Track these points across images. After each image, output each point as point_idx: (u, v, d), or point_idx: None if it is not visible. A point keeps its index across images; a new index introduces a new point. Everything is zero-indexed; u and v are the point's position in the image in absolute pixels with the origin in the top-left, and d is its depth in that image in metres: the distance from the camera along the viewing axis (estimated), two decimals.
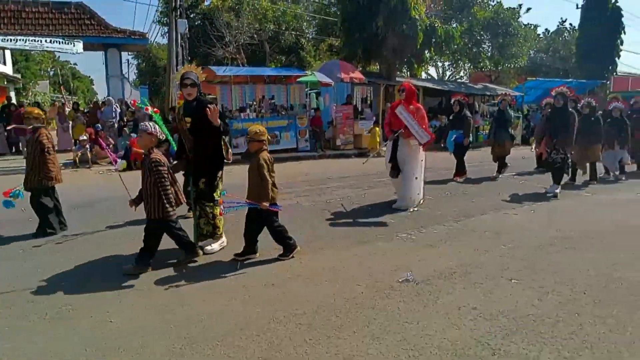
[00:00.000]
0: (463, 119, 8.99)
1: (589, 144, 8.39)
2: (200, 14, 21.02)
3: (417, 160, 6.47)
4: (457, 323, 3.04)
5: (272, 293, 3.54)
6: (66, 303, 3.39)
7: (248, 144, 4.35)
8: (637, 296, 3.50)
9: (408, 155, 6.42)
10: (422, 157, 6.57)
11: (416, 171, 6.45)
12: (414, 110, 6.34)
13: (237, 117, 13.33)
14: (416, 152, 6.45)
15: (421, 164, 6.57)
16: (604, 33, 23.90)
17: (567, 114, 7.27)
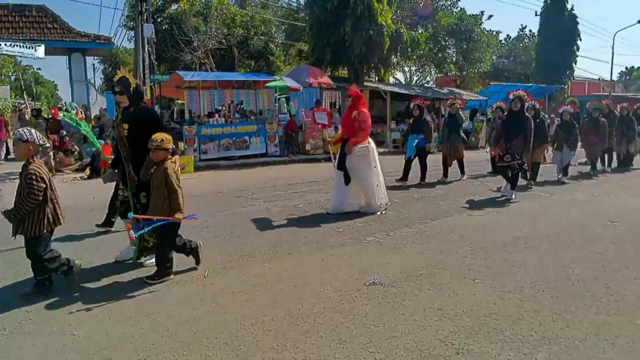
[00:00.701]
0: (423, 123, 9.02)
1: (536, 146, 8.35)
2: (168, 18, 20.73)
3: (368, 167, 6.33)
4: (422, 324, 3.10)
5: (239, 300, 3.52)
6: (26, 317, 3.28)
7: (152, 152, 3.86)
8: (592, 292, 3.66)
9: (357, 163, 6.29)
10: (375, 164, 6.43)
11: (373, 178, 6.36)
12: (356, 115, 6.24)
13: (205, 122, 13.21)
14: (365, 158, 6.31)
15: (376, 170, 6.44)
16: (561, 39, 24.95)
17: (523, 118, 7.36)
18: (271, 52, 22.90)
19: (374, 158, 6.42)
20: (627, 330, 3.04)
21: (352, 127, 6.28)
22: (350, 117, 6.34)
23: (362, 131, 6.24)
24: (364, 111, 6.32)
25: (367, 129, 6.32)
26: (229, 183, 9.60)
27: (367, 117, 6.31)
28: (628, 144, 11.38)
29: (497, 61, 28.87)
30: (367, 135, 6.36)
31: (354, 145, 6.19)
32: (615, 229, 5.60)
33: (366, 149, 6.29)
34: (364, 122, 6.24)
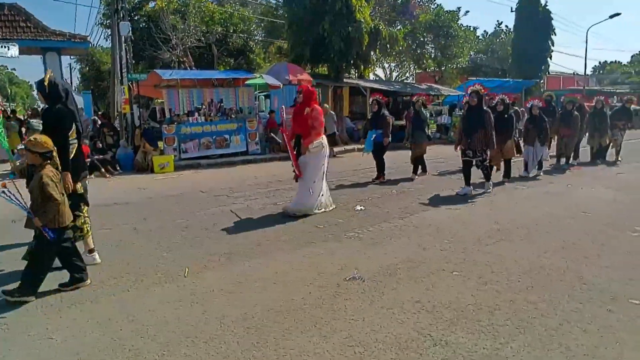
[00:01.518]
0: (382, 118, 8.81)
1: (503, 141, 8.33)
2: (145, 16, 20.42)
3: (317, 166, 6.18)
4: (400, 317, 3.15)
5: (220, 299, 3.52)
6: (2, 322, 3.22)
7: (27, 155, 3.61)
8: (565, 281, 3.77)
9: (309, 160, 6.15)
10: (323, 162, 6.27)
11: (314, 175, 6.18)
12: (309, 112, 6.06)
13: (185, 121, 13.08)
14: (316, 156, 6.16)
15: (322, 168, 6.27)
16: (536, 35, 25.41)
17: (482, 112, 7.25)
18: (251, 50, 22.78)
19: (324, 156, 6.27)
20: (598, 317, 3.14)
21: (304, 125, 6.09)
22: (302, 114, 6.15)
23: (314, 129, 6.06)
24: (316, 108, 6.16)
25: (320, 127, 6.17)
26: (210, 182, 9.55)
27: (320, 114, 6.19)
28: (600, 138, 11.47)
29: (474, 57, 29.30)
30: (320, 133, 6.19)
31: (308, 145, 6.06)
32: (587, 220, 5.75)
33: (320, 145, 6.15)
34: (316, 120, 6.09)
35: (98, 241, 5.14)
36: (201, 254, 4.64)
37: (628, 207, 6.45)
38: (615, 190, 7.66)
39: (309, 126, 6.06)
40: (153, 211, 6.81)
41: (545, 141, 9.36)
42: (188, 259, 4.45)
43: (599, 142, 11.52)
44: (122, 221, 6.16)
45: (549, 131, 9.50)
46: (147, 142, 12.38)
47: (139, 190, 8.89)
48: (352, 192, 7.82)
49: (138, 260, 4.50)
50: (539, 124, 9.27)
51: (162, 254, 4.67)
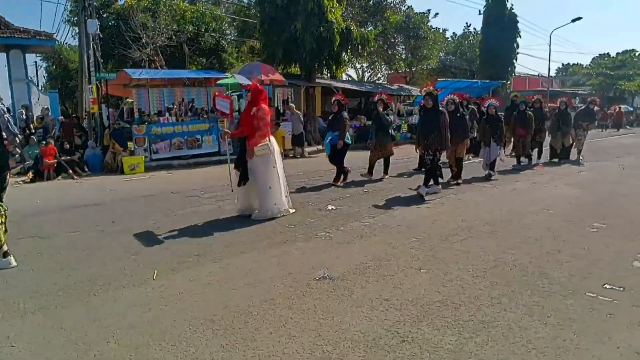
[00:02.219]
0: (340, 120, 8.46)
1: (455, 142, 8.17)
2: (114, 14, 19.94)
3: (267, 169, 5.95)
4: (369, 315, 3.20)
5: (189, 300, 3.50)
6: None
7: None
8: (527, 276, 3.90)
9: (257, 164, 5.93)
10: (274, 164, 6.02)
11: (268, 179, 5.96)
12: (255, 111, 5.84)
13: (155, 121, 12.88)
14: (264, 158, 5.93)
15: (274, 171, 6.03)
16: (503, 37, 26.08)
17: (437, 114, 7.19)
18: (223, 49, 22.56)
19: (274, 158, 6.03)
20: (558, 310, 3.26)
21: (251, 125, 5.87)
22: (249, 113, 5.94)
23: (259, 130, 5.83)
24: (262, 107, 5.91)
25: (266, 128, 5.92)
26: (182, 183, 9.45)
27: (266, 113, 5.95)
28: (563, 138, 11.71)
29: (444, 58, 29.85)
30: (267, 134, 5.96)
31: (254, 146, 5.83)
32: (550, 216, 5.96)
33: (266, 147, 5.90)
34: (262, 120, 5.85)
35: (65, 245, 5.06)
36: (171, 255, 4.59)
37: (588, 204, 6.71)
38: (577, 188, 7.96)
39: (254, 127, 5.85)
40: (122, 213, 6.70)
41: (501, 141, 9.25)
42: (157, 261, 4.40)
43: (562, 142, 11.77)
44: (91, 224, 6.04)
45: (504, 131, 9.45)
46: (117, 142, 12.15)
47: (108, 191, 8.72)
48: (323, 192, 7.87)
49: (106, 263, 4.42)
50: (495, 124, 9.19)
51: (131, 257, 4.60)
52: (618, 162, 11.89)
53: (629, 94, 42.83)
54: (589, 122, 12.33)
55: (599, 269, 4.05)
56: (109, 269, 4.25)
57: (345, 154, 8.68)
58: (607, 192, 7.61)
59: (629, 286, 3.66)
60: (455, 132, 8.04)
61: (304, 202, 7.06)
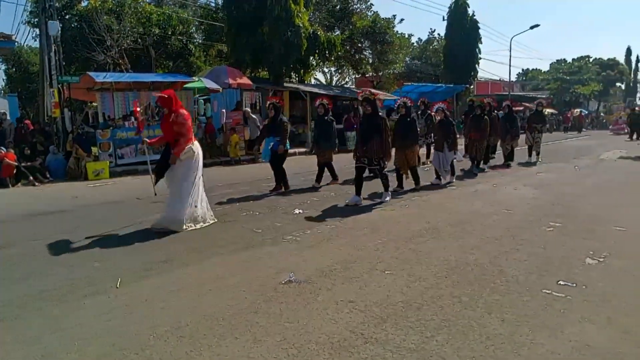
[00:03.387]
0: (279, 124, 8.06)
1: (407, 147, 7.98)
2: (77, 16, 19.39)
3: (188, 175, 5.73)
4: (334, 317, 3.25)
5: (153, 308, 3.47)
6: None
7: None
8: (487, 275, 4.04)
9: (178, 170, 5.70)
10: (195, 172, 5.79)
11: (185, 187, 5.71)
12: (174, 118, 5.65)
13: (120, 125, 12.62)
14: (186, 166, 5.72)
15: (194, 178, 5.79)
16: (465, 43, 26.82)
17: (377, 119, 7.00)
18: (190, 53, 22.29)
19: (196, 165, 5.82)
20: (515, 307, 3.40)
21: (171, 132, 5.69)
22: (168, 120, 5.72)
23: (182, 137, 5.64)
24: (181, 113, 5.70)
25: (188, 133, 5.72)
26: (147, 188, 9.26)
27: (186, 119, 5.72)
28: (512, 140, 11.77)
29: (410, 63, 30.45)
30: (190, 139, 5.74)
31: (180, 154, 5.61)
32: (509, 216, 6.19)
33: (190, 150, 5.72)
34: (183, 125, 5.65)
35: (25, 254, 4.91)
36: (136, 262, 4.53)
37: (545, 205, 6.99)
38: (534, 189, 8.28)
39: (176, 134, 5.65)
40: (86, 220, 6.55)
41: (453, 146, 8.89)
42: (122, 269, 4.33)
43: (511, 144, 11.85)
44: (53, 231, 5.88)
45: (457, 135, 9.21)
46: (80, 147, 11.84)
47: (71, 198, 8.48)
48: (291, 196, 7.90)
49: (69, 272, 4.32)
50: (446, 129, 8.86)
51: (95, 265, 4.51)
52: (574, 164, 12.44)
53: (584, 98, 44.82)
54: (542, 124, 12.70)
55: (554, 267, 4.24)
56: (71, 277, 4.16)
57: (285, 160, 8.36)
58: (563, 193, 7.96)
59: (581, 282, 3.85)
60: (405, 138, 7.89)
61: (272, 206, 7.08)
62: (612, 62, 52.72)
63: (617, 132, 28.51)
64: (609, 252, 4.64)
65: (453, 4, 27.68)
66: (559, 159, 13.74)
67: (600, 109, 50.55)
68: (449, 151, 8.79)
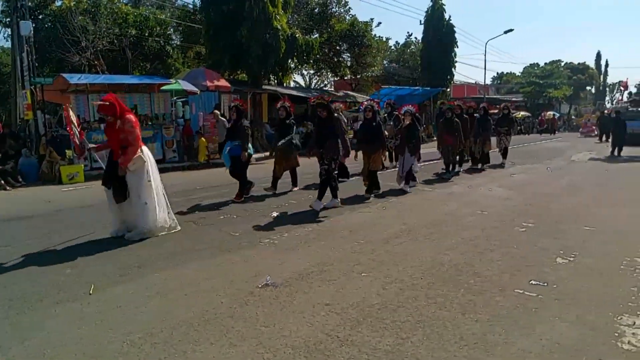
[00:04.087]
0: (240, 129, 7.59)
1: (371, 152, 7.75)
2: (51, 16, 18.93)
3: (141, 183, 5.42)
4: (310, 320, 3.26)
5: (128, 314, 3.41)
6: None
7: None
8: (462, 275, 4.10)
9: (130, 178, 5.40)
10: (149, 178, 5.48)
11: (143, 196, 5.41)
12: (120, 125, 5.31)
13: (96, 128, 12.38)
14: (138, 175, 5.41)
15: (149, 185, 5.48)
16: (441, 46, 27.21)
17: (333, 121, 6.90)
18: (168, 55, 22.02)
19: (149, 171, 5.50)
20: (489, 307, 3.46)
21: (117, 139, 5.36)
22: (114, 127, 5.37)
23: (130, 145, 5.31)
24: (128, 119, 5.32)
25: (136, 141, 5.36)
26: None
27: (134, 126, 5.36)
28: (484, 144, 11.71)
29: (387, 66, 30.74)
30: (138, 148, 5.39)
31: (127, 165, 5.30)
32: (484, 217, 6.31)
33: (140, 159, 5.39)
34: (131, 132, 5.31)
35: None
36: (110, 268, 4.45)
37: (518, 205, 7.15)
38: (508, 190, 8.46)
39: (122, 142, 5.32)
40: (59, 225, 6.39)
41: (416, 151, 8.58)
42: (95, 275, 4.25)
43: (483, 147, 11.78)
44: (25, 237, 5.73)
45: (420, 140, 8.88)
46: (54, 150, 11.57)
47: (45, 202, 8.27)
48: (269, 199, 7.87)
49: (39, 279, 4.21)
50: (411, 132, 8.50)
51: (66, 271, 4.41)
52: (546, 165, 12.75)
53: (556, 101, 46.01)
54: (508, 128, 12.76)
55: (526, 266, 4.34)
56: (42, 284, 4.05)
57: (248, 166, 7.95)
58: (535, 193, 8.16)
59: (552, 281, 3.94)
60: (371, 142, 7.69)
61: (249, 209, 7.05)
62: (582, 67, 54.36)
63: (587, 134, 29.19)
64: (579, 251, 4.77)
65: (430, 8, 28.10)
66: (532, 160, 14.06)
67: (571, 112, 51.95)
68: (410, 156, 8.47)
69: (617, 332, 3.05)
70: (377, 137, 7.75)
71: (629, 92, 32.75)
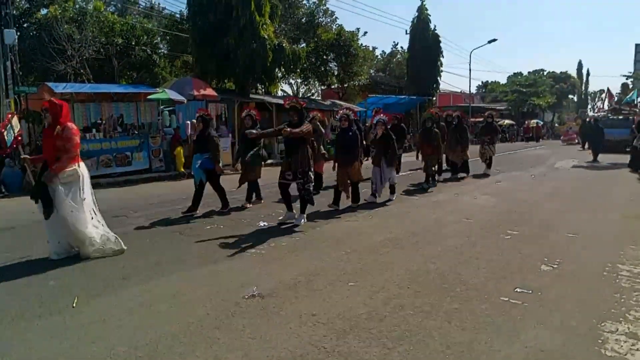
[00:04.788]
0: (208, 140, 7.24)
1: (348, 162, 7.41)
2: (36, 24, 18.72)
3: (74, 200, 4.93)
4: (297, 331, 3.24)
5: (111, 327, 3.36)
6: None
7: None
8: (448, 284, 4.13)
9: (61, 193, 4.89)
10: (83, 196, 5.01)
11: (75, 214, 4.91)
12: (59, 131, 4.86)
13: (81, 137, 12.22)
14: (72, 188, 4.93)
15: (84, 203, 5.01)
16: (427, 56, 27.54)
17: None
18: (155, 63, 21.90)
19: (82, 187, 5.02)
20: (474, 315, 3.49)
21: (53, 147, 4.91)
22: (52, 134, 4.92)
23: (67, 153, 4.87)
24: (68, 127, 4.92)
25: (74, 150, 4.95)
26: (109, 202, 8.99)
27: (74, 133, 4.95)
28: (462, 152, 11.49)
29: (374, 75, 30.97)
30: (76, 158, 4.99)
31: (59, 172, 4.85)
32: (469, 225, 6.37)
33: (75, 173, 4.95)
34: (70, 141, 4.88)
35: None
36: (94, 280, 4.38)
37: (503, 212, 7.24)
38: (493, 197, 8.56)
39: (58, 149, 4.88)
40: (43, 236, 6.23)
41: (393, 162, 8.26)
42: (79, 287, 4.18)
43: (461, 156, 11.57)
44: (7, 248, 5.63)
45: (396, 150, 8.51)
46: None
47: (28, 213, 8.11)
48: (256, 208, 7.85)
49: (20, 291, 4.13)
50: (385, 143, 8.10)
51: (49, 283, 4.33)
52: (530, 172, 12.93)
53: (539, 109, 46.78)
54: (492, 136, 12.54)
55: (511, 274, 4.38)
56: (24, 297, 3.98)
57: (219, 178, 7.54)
58: (519, 200, 8.27)
59: (537, 288, 3.99)
60: (348, 152, 7.39)
61: (236, 219, 7.02)
62: (564, 75, 55.37)
63: (569, 142, 29.49)
64: (562, 257, 4.84)
65: (415, 18, 28.48)
66: (517, 167, 14.25)
67: (555, 120, 52.79)
68: (387, 167, 8.14)
69: (600, 338, 3.09)
70: (353, 147, 7.44)
71: (615, 100, 33.48)
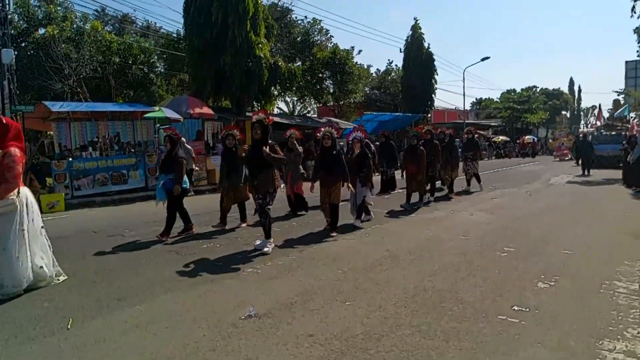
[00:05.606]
0: (173, 160, 7.01)
1: (330, 183, 7.10)
2: (33, 44, 18.89)
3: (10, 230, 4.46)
4: (294, 352, 3.22)
5: (105, 349, 3.32)
6: None
7: None
8: (445, 302, 4.11)
9: None
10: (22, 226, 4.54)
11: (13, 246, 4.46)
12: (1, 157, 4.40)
13: (78, 156, 12.26)
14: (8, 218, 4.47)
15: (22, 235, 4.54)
16: (422, 73, 27.94)
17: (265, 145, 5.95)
18: (152, 82, 22.07)
19: (22, 217, 4.55)
20: (472, 334, 3.47)
21: None
22: None
23: (6, 183, 4.40)
24: (12, 153, 4.42)
25: (16, 179, 4.47)
26: (105, 220, 9.00)
27: (17, 161, 4.45)
28: (452, 170, 11.38)
29: (369, 92, 31.32)
30: (16, 186, 4.50)
31: None
32: (465, 242, 6.37)
33: (12, 203, 4.46)
34: (11, 169, 4.40)
35: None
36: (89, 300, 4.34)
37: (498, 229, 7.25)
38: (489, 214, 8.58)
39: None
40: None
41: (367, 182, 7.76)
42: (73, 308, 4.14)
43: (451, 174, 11.44)
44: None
45: (371, 169, 8.08)
46: (35, 179, 11.38)
47: None
48: (251, 227, 7.82)
49: (13, 312, 4.09)
50: (361, 161, 7.68)
51: (43, 304, 4.29)
52: (525, 189, 13.00)
53: (533, 126, 47.28)
54: (474, 152, 12.38)
55: (508, 291, 4.37)
56: (17, 318, 3.94)
57: (181, 202, 7.21)
58: (515, 217, 8.29)
59: (534, 306, 3.98)
60: (329, 173, 7.07)
61: (233, 238, 7.00)
62: (557, 92, 56.18)
63: (561, 157, 29.53)
64: (559, 274, 4.84)
65: (409, 36, 28.97)
66: (512, 184, 14.33)
67: (548, 136, 53.30)
68: (361, 187, 7.66)
69: (598, 357, 3.09)
70: (335, 167, 7.08)
71: (603, 121, 34.09)
